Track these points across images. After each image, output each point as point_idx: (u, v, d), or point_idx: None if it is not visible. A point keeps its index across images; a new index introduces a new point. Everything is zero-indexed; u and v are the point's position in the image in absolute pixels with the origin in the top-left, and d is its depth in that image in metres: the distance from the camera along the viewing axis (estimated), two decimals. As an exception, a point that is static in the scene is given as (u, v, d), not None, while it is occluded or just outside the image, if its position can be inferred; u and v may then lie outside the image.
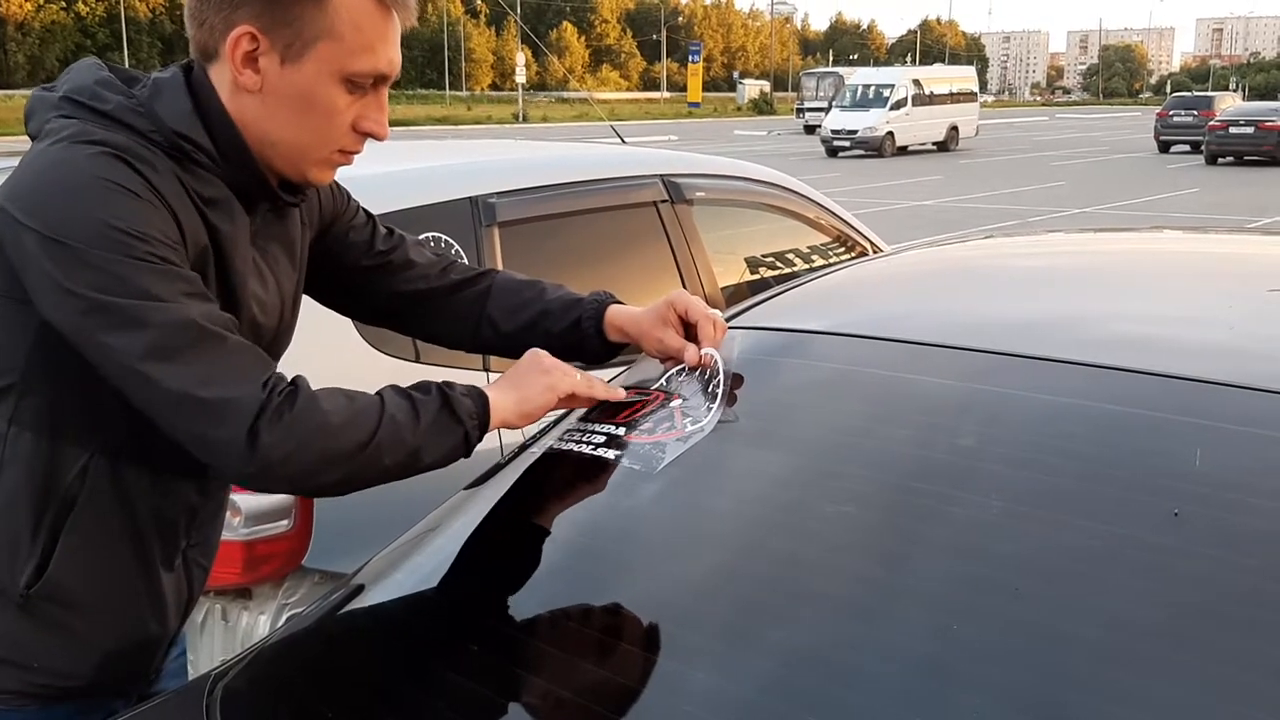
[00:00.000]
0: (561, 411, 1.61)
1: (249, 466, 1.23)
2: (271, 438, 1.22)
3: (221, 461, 1.25)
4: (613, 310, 1.63)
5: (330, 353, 2.26)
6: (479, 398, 1.39)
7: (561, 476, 1.47)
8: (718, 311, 1.63)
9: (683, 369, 1.55)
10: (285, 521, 2.18)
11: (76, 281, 1.20)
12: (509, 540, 1.45)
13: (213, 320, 1.25)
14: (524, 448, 1.60)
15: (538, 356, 1.50)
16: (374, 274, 1.63)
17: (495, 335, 1.67)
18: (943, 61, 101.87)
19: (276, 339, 1.49)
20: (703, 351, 1.54)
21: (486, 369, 2.50)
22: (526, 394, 1.45)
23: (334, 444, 1.26)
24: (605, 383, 1.55)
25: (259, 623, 2.24)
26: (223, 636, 2.27)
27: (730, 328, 1.60)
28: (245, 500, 2.13)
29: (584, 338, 1.62)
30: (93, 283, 1.20)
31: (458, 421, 1.36)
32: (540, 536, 1.41)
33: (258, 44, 1.30)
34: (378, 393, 1.34)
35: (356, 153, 1.40)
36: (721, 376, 1.49)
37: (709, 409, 1.44)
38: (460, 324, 1.68)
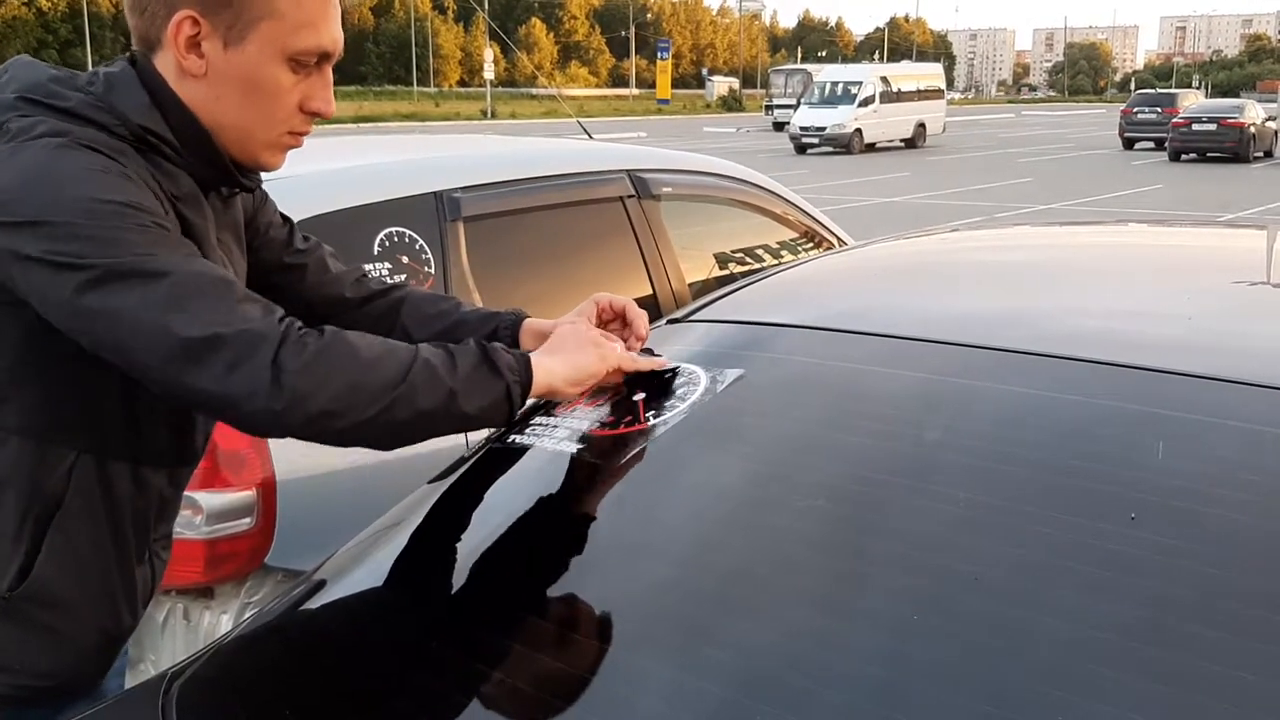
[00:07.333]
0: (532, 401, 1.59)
1: (278, 402, 1.18)
2: (297, 365, 1.18)
3: (247, 404, 1.19)
4: (529, 321, 1.62)
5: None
6: (520, 356, 1.36)
7: (523, 471, 1.46)
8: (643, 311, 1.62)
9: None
10: (247, 520, 2.16)
11: (73, 255, 1.16)
12: (470, 535, 1.44)
13: (221, 271, 1.25)
14: (486, 441, 1.59)
15: (586, 328, 1.49)
16: (293, 274, 1.62)
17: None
18: (910, 59, 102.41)
19: None
20: (673, 365, 1.54)
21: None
22: (579, 362, 1.41)
23: (365, 376, 1.23)
24: (644, 354, 1.54)
25: (221, 622, 2.22)
26: (185, 636, 2.25)
27: (693, 321, 1.60)
28: (206, 498, 2.11)
29: None
30: (91, 251, 1.16)
31: (498, 374, 1.32)
32: (502, 532, 1.40)
33: (199, 28, 1.28)
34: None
35: (305, 134, 1.40)
36: (701, 379, 1.48)
37: (673, 404, 1.43)
38: (375, 333, 1.66)
